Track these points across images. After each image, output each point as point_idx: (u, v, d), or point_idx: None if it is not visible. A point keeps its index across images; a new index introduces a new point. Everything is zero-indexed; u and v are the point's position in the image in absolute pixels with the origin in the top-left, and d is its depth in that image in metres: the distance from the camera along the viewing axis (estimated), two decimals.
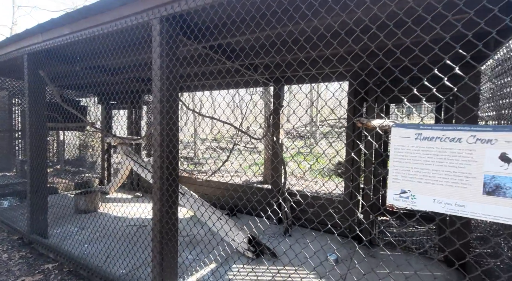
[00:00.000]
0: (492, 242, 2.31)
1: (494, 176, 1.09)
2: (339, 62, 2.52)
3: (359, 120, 1.35)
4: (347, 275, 2.83)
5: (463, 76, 1.35)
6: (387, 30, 1.29)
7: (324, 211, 3.67)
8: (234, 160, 8.53)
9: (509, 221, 1.08)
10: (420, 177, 1.24)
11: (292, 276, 2.68)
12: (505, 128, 1.08)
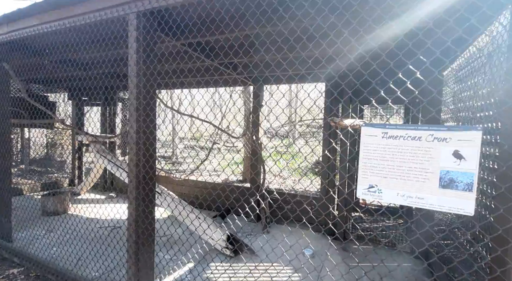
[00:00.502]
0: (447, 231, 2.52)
1: (449, 171, 1.21)
2: (315, 64, 2.62)
3: (332, 119, 1.43)
4: (322, 268, 2.95)
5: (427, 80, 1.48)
6: (358, 35, 1.38)
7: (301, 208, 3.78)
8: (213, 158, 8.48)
9: (461, 211, 1.20)
10: (386, 172, 1.34)
11: (269, 271, 2.74)
12: (457, 128, 1.20)
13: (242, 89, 6.27)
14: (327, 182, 3.87)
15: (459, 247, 2.26)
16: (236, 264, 2.93)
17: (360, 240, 3.89)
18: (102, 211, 4.15)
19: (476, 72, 2.11)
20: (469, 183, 1.17)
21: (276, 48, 1.74)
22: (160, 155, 10.14)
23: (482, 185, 1.76)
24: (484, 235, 1.57)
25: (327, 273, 2.81)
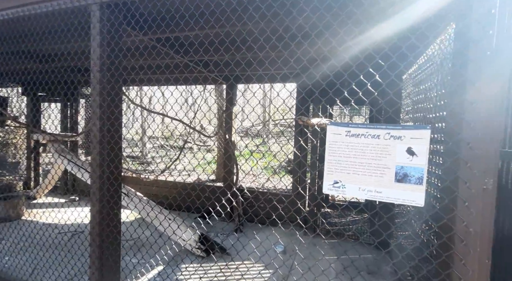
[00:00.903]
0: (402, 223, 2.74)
1: (403, 166, 1.32)
2: (286, 64, 2.68)
3: (300, 118, 1.49)
4: (293, 263, 3.03)
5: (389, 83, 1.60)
6: (323, 38, 1.44)
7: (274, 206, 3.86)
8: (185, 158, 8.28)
9: (413, 203, 1.32)
10: (349, 168, 1.43)
11: (240, 269, 2.76)
12: (410, 127, 1.31)
13: (215, 87, 6.20)
14: (297, 179, 3.98)
15: (413, 236, 2.47)
16: (207, 264, 2.90)
17: (329, 234, 4.07)
18: (61, 216, 3.85)
19: (427, 78, 2.32)
20: (419, 177, 1.29)
21: (247, 47, 1.75)
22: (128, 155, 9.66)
23: (432, 179, 1.94)
24: (433, 224, 1.74)
25: (296, 267, 2.90)
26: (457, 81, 1.32)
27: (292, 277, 2.80)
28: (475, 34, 1.22)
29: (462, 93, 1.25)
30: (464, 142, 1.24)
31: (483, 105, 1.21)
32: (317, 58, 1.54)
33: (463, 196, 1.24)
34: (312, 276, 1.82)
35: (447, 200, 1.31)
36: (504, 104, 1.81)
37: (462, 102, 1.25)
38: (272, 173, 6.80)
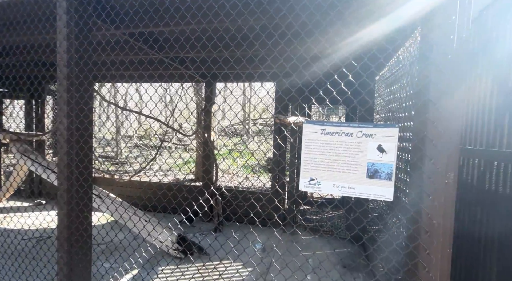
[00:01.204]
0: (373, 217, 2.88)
1: (374, 163, 1.39)
2: (263, 63, 2.69)
3: (277, 116, 1.50)
4: (271, 260, 3.07)
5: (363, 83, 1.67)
6: (299, 38, 1.47)
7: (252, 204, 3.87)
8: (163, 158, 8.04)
9: (383, 197, 1.39)
10: (324, 166, 1.47)
11: (218, 269, 2.74)
12: (380, 125, 1.38)
13: (194, 85, 6.09)
14: (277, 178, 4.03)
15: (384, 230, 2.60)
16: (184, 265, 2.85)
17: (307, 231, 4.16)
18: (25, 220, 3.59)
19: (397, 79, 2.44)
20: (389, 172, 1.36)
21: (224, 45, 1.74)
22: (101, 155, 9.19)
23: (401, 174, 2.05)
24: (401, 217, 1.84)
25: (274, 264, 2.94)
26: (421, 82, 1.40)
27: (270, 274, 2.83)
28: (437, 38, 1.30)
29: (426, 94, 1.33)
30: (428, 139, 1.32)
31: (445, 105, 1.30)
32: (293, 57, 1.56)
33: (427, 190, 1.33)
34: (290, 272, 1.86)
35: (413, 194, 1.39)
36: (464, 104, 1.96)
37: (426, 102, 1.33)
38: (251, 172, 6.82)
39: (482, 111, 2.35)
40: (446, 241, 1.34)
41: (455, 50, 1.29)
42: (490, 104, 2.24)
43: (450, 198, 1.33)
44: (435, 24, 1.29)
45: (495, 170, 2.14)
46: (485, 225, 2.24)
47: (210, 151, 4.26)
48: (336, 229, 4.27)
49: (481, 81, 2.40)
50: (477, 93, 2.43)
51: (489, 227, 2.19)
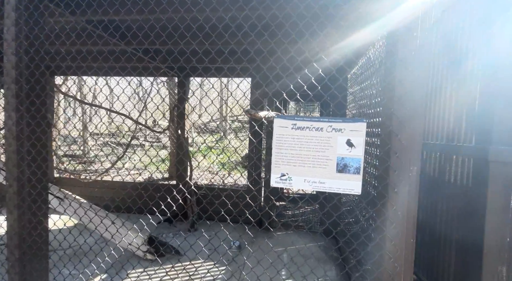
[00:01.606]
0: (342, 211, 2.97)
1: (343, 157, 1.40)
2: (237, 59, 2.62)
3: (247, 111, 1.46)
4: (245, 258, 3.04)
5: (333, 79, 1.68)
6: (283, 31, 1.44)
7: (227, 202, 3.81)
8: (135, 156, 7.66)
9: (352, 191, 1.41)
10: (295, 161, 1.46)
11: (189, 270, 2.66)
12: (349, 120, 1.39)
13: (167, 80, 5.86)
14: (252, 174, 4.00)
15: (353, 223, 2.68)
16: (153, 267, 2.74)
17: (282, 227, 4.19)
18: None
19: (367, 77, 2.51)
20: (357, 167, 1.38)
21: (191, 36, 1.66)
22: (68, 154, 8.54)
23: (370, 168, 2.12)
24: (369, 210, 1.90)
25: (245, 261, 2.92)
26: (388, 78, 1.44)
27: (243, 272, 2.81)
28: (402, 35, 1.34)
29: (392, 89, 1.37)
30: (393, 133, 1.36)
31: (409, 101, 1.34)
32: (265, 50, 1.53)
33: (393, 183, 1.37)
34: (262, 269, 1.85)
35: (380, 187, 1.43)
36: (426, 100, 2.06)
37: (392, 97, 1.37)
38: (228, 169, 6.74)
39: (443, 108, 2.50)
40: (410, 232, 1.40)
41: (418, 47, 1.34)
42: (450, 101, 2.39)
43: (414, 190, 1.38)
44: (400, 21, 1.32)
45: (453, 162, 2.29)
46: (445, 214, 2.39)
47: (183, 148, 4.12)
48: (310, 224, 4.36)
49: (442, 79, 2.54)
50: (440, 90, 2.58)
51: (449, 216, 2.34)
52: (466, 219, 2.07)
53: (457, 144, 2.24)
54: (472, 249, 1.97)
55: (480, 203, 1.88)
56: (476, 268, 1.91)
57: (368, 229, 2.08)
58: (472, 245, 1.96)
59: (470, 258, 1.99)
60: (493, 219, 1.83)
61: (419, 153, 1.38)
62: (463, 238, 2.10)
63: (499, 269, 1.86)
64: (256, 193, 4.08)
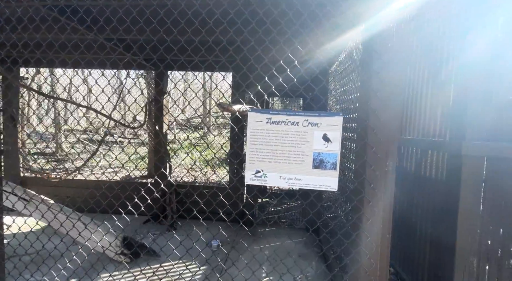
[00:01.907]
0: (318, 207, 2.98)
1: (320, 153, 1.36)
2: (223, 52, 2.50)
3: (220, 104, 1.38)
4: (227, 256, 2.98)
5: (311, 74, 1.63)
6: (265, 27, 1.36)
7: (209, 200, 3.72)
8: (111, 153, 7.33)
9: (328, 188, 1.37)
10: (270, 157, 1.40)
11: (170, 271, 2.57)
12: (326, 114, 1.35)
13: (144, 74, 5.64)
14: (234, 171, 3.92)
15: (329, 219, 2.69)
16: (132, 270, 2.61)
17: (265, 223, 4.16)
18: None
19: (347, 72, 2.50)
20: (334, 162, 1.34)
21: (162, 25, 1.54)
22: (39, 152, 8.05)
23: (349, 163, 2.11)
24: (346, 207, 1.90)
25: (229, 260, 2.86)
26: (366, 72, 1.41)
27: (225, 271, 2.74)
28: (379, 28, 1.30)
29: (369, 83, 1.34)
30: (370, 128, 1.33)
31: (385, 94, 1.31)
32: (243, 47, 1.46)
33: (369, 179, 1.35)
34: (245, 268, 1.79)
35: (356, 182, 1.40)
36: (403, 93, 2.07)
37: (369, 91, 1.34)
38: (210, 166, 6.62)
39: (419, 103, 2.53)
40: (386, 227, 1.38)
41: (394, 40, 1.31)
42: (426, 96, 2.42)
43: (390, 186, 1.36)
44: (377, 18, 1.29)
45: (429, 157, 2.33)
46: (421, 208, 2.44)
47: (162, 145, 3.97)
48: (292, 220, 4.36)
49: (421, 78, 2.57)
50: (418, 88, 2.61)
51: (424, 210, 2.38)
52: (441, 213, 2.11)
53: (432, 139, 2.28)
54: (446, 242, 2.01)
55: (453, 197, 1.92)
56: (449, 260, 1.95)
57: (346, 224, 2.07)
58: (446, 238, 2.00)
59: (444, 250, 2.04)
60: (465, 212, 1.86)
61: (396, 147, 1.36)
62: (438, 231, 2.14)
63: (471, 260, 1.91)
64: (239, 189, 4.01)
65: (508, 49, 1.81)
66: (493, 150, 1.81)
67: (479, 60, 1.84)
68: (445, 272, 2.01)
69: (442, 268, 2.06)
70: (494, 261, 1.90)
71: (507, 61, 1.81)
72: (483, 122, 1.84)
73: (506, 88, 1.84)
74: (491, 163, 1.83)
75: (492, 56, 1.82)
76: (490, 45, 1.83)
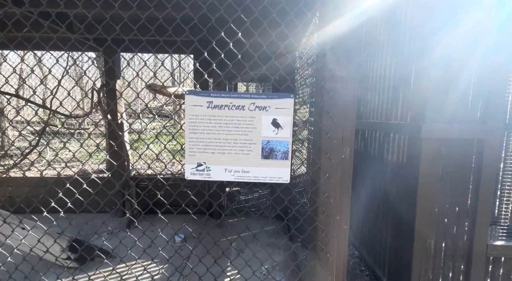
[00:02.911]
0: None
1: (269, 141, 1.19)
2: (181, 32, 2.18)
3: (150, 86, 1.14)
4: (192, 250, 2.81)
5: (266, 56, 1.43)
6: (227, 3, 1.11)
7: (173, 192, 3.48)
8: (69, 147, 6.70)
9: (280, 180, 1.22)
10: (213, 147, 1.20)
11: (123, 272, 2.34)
12: (274, 96, 1.17)
13: (95, 56, 5.07)
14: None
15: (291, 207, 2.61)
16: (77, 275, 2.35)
17: (233, 213, 4.03)
18: None
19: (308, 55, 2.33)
20: (285, 151, 1.19)
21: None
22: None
23: (308, 154, 1.98)
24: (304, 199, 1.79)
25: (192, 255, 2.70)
26: (322, 49, 1.24)
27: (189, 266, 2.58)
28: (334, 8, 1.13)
29: (323, 61, 1.18)
30: (325, 111, 1.18)
31: (341, 74, 1.16)
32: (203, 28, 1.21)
33: (325, 168, 1.21)
34: (211, 260, 1.64)
35: (311, 172, 1.26)
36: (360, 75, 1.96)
37: (323, 69, 1.18)
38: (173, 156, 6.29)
39: (382, 87, 2.46)
40: (343, 219, 1.28)
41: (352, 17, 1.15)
42: (389, 80, 2.34)
43: (347, 174, 1.24)
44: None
45: (391, 140, 2.28)
46: (384, 191, 2.42)
47: (117, 135, 3.60)
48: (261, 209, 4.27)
49: (382, 56, 2.48)
50: (377, 67, 2.53)
51: (386, 193, 2.37)
52: (402, 195, 2.09)
53: (394, 122, 2.22)
54: (406, 224, 2.00)
55: (414, 179, 1.88)
56: (408, 243, 1.95)
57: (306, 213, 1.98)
58: (407, 220, 1.99)
59: (404, 233, 2.03)
60: (424, 192, 1.84)
61: (353, 132, 1.23)
62: (399, 215, 2.13)
63: (428, 242, 1.92)
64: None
65: (467, 39, 1.76)
66: (451, 132, 1.78)
67: (440, 52, 1.77)
68: (404, 255, 2.01)
69: (402, 251, 2.07)
70: (450, 239, 1.92)
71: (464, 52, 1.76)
72: (442, 106, 1.79)
73: (463, 75, 1.80)
74: (449, 144, 1.80)
75: (451, 47, 1.76)
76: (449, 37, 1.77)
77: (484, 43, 1.73)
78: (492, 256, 1.90)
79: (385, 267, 2.34)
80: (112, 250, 2.71)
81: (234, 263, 2.70)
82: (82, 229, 3.23)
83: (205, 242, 3.02)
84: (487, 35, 1.73)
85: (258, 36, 1.27)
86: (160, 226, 1.70)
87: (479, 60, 1.75)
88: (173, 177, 4.24)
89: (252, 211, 4.21)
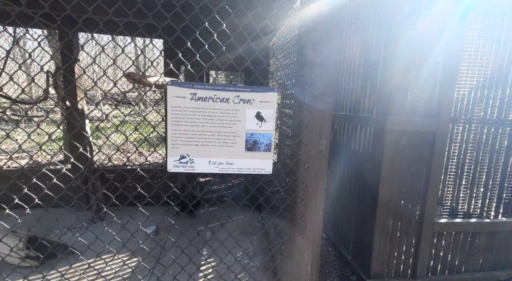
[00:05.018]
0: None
1: (253, 133, 1.22)
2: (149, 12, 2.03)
3: (128, 75, 1.09)
4: (165, 242, 2.78)
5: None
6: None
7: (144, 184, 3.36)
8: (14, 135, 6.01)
9: (262, 171, 1.27)
10: (197, 139, 1.20)
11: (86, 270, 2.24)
12: (259, 89, 1.20)
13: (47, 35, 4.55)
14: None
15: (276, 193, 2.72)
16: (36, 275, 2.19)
17: (207, 203, 4.03)
18: None
19: (287, 46, 2.37)
20: (268, 143, 1.23)
21: None
22: None
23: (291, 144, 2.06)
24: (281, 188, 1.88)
25: (167, 246, 2.68)
26: (300, 43, 1.28)
27: (163, 258, 2.56)
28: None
29: (303, 56, 1.22)
30: (305, 105, 1.24)
31: (320, 68, 1.22)
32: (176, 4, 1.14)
33: (304, 159, 1.29)
34: (182, 254, 1.65)
35: (291, 164, 1.33)
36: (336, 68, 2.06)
37: (304, 64, 1.23)
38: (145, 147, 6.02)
39: (352, 81, 2.61)
40: (319, 205, 1.38)
41: (329, 9, 1.20)
42: (358, 75, 2.49)
43: (323, 164, 1.34)
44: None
45: (358, 132, 2.46)
46: (351, 179, 2.62)
47: (76, 122, 3.33)
48: (236, 198, 4.34)
49: (351, 48, 2.62)
50: (351, 64, 2.67)
51: (352, 181, 2.57)
52: (367, 182, 2.29)
53: (361, 115, 2.39)
54: (369, 208, 2.21)
55: (377, 167, 2.07)
56: (371, 223, 2.17)
57: (285, 201, 2.08)
58: (370, 204, 2.19)
59: (367, 215, 2.25)
60: (385, 179, 2.05)
61: (329, 125, 1.32)
62: (364, 199, 2.34)
63: (387, 222, 2.16)
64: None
65: (427, 39, 1.92)
66: (410, 125, 1.98)
67: (403, 50, 1.93)
68: (367, 234, 2.23)
69: (364, 231, 2.29)
70: (404, 219, 2.18)
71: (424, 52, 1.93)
72: (405, 101, 1.97)
73: (422, 73, 1.98)
74: (408, 136, 2.01)
75: (414, 46, 1.92)
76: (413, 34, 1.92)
77: (443, 38, 1.91)
78: (437, 232, 2.20)
79: (350, 246, 2.57)
80: (71, 245, 2.57)
81: (206, 254, 2.74)
82: (43, 225, 2.98)
83: (175, 234, 3.00)
84: (446, 30, 1.91)
85: (234, 17, 1.26)
86: (127, 218, 1.65)
87: (436, 56, 1.94)
88: (149, 169, 4.09)
89: (224, 200, 4.25)
